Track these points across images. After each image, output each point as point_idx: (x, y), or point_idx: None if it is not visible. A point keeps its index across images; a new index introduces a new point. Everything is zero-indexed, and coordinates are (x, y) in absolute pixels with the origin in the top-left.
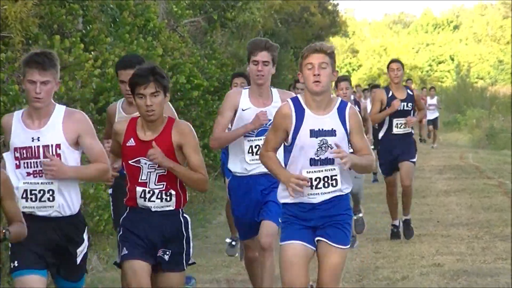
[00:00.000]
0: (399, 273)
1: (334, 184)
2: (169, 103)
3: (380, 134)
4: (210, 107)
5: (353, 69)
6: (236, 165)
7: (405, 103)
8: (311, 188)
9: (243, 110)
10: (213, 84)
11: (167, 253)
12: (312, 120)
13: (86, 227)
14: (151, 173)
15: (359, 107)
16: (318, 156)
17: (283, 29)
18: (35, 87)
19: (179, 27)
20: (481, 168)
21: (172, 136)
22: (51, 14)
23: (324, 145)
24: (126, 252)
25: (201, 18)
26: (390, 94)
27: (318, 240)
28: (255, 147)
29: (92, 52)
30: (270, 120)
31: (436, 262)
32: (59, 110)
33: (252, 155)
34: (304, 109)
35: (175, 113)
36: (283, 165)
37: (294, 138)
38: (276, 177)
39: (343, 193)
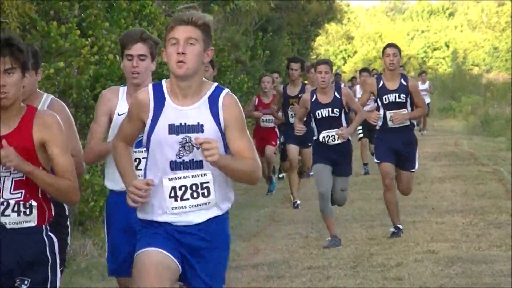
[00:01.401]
0: (393, 260)
1: (206, 194)
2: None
3: (376, 128)
4: None
5: (348, 56)
6: (115, 181)
7: (397, 94)
8: (176, 200)
9: (119, 115)
10: None
11: (25, 282)
12: (174, 112)
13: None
14: (6, 178)
15: (339, 92)
16: (180, 158)
17: (278, 15)
18: None
19: (175, 13)
20: (476, 155)
21: (34, 130)
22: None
23: (187, 144)
24: None
25: (197, 3)
26: (381, 84)
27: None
28: (136, 160)
29: (89, 38)
30: None
31: (431, 249)
32: None
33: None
34: (165, 97)
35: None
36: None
37: (150, 135)
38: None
39: (221, 213)
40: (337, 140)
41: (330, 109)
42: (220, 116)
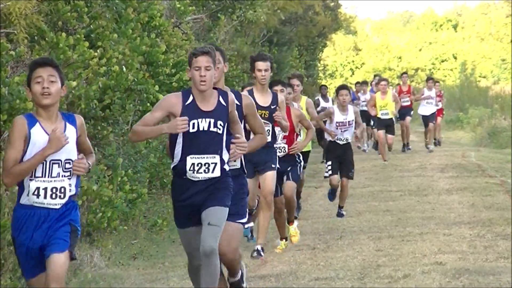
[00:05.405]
0: (400, 271)
1: None
2: None
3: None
4: None
5: (356, 67)
6: None
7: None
8: None
9: None
10: None
11: None
12: None
13: None
14: None
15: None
16: None
17: (286, 27)
18: None
19: (182, 24)
20: (483, 166)
21: None
22: (56, 11)
23: None
24: None
25: (204, 15)
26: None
27: None
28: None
29: (98, 50)
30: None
31: (438, 260)
32: None
33: None
34: None
35: None
36: None
37: None
38: None
39: None
40: (212, 172)
41: (212, 121)
42: None
